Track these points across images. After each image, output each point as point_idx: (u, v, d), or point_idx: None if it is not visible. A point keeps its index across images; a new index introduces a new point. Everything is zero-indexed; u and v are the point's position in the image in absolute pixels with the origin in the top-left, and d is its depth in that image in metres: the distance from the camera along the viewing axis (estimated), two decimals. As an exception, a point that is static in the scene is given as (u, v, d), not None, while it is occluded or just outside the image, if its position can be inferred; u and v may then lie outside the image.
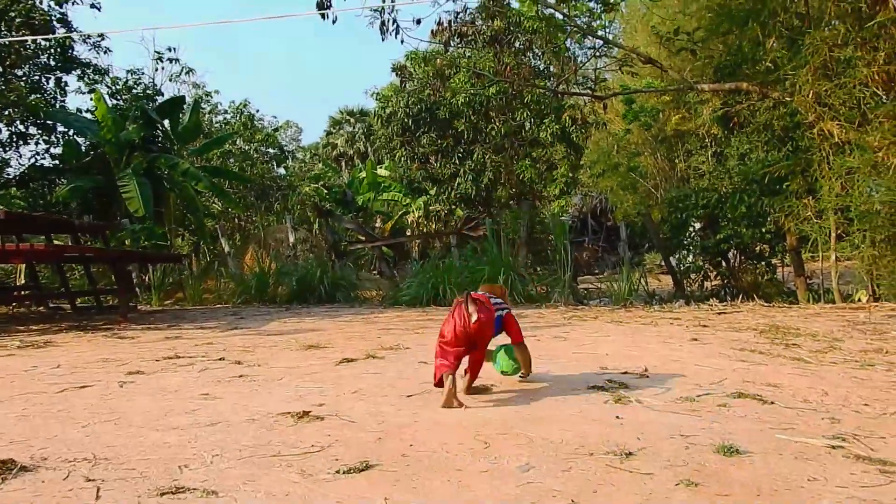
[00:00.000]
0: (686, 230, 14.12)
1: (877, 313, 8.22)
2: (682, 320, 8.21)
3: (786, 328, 7.41)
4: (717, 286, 14.19)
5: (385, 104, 28.46)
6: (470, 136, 27.79)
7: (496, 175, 27.03)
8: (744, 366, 5.15)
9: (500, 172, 26.99)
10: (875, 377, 4.95)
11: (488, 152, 27.01)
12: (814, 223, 9.80)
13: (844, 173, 9.15)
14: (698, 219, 13.61)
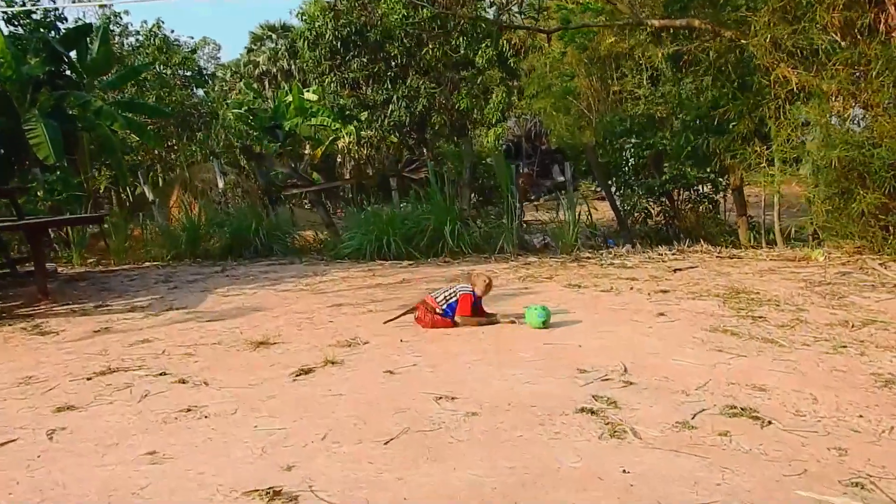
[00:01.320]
0: (621, 155, 13.95)
1: (831, 271, 8.19)
2: (640, 281, 8.00)
3: (746, 292, 7.27)
4: (660, 223, 14.15)
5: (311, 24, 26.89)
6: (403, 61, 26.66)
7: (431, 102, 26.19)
8: (723, 359, 4.92)
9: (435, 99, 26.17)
10: (852, 366, 4.81)
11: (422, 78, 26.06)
12: (764, 171, 9.64)
13: (800, 124, 8.94)
14: (643, 157, 13.38)
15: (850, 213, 8.53)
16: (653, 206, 14.01)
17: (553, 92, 25.43)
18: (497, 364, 4.82)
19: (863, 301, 6.81)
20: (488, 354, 5.10)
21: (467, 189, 13.34)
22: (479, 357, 5.03)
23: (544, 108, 28.69)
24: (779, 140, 9.53)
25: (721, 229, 13.36)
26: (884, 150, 8.05)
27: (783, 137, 9.74)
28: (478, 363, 4.84)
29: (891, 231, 8.51)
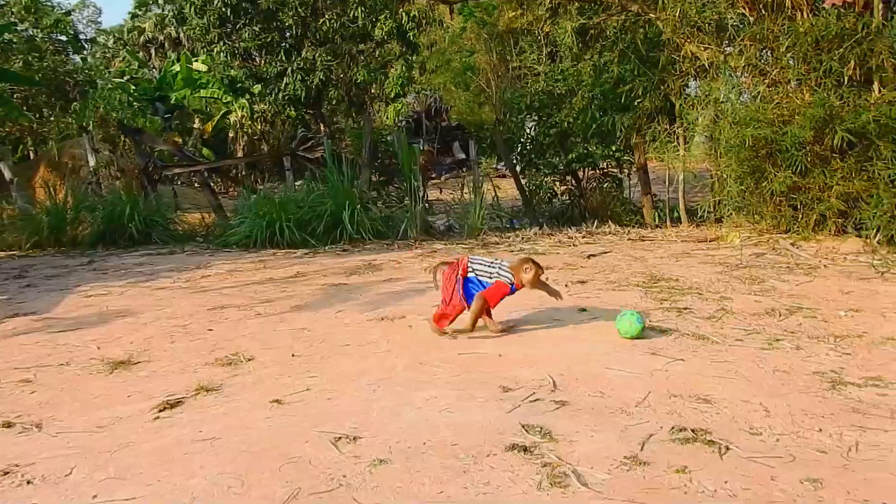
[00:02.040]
0: (523, 132, 13.51)
1: (745, 252, 7.94)
2: (555, 270, 7.47)
3: (665, 280, 6.87)
4: (566, 203, 13.81)
5: (198, -12, 25.01)
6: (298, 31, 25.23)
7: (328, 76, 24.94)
8: (659, 364, 4.41)
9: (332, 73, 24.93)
10: (793, 364, 4.42)
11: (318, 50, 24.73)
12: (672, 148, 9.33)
13: (712, 101, 8.64)
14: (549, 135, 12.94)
15: (761, 192, 8.30)
16: (558, 186, 13.64)
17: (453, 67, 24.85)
18: (408, 384, 4.11)
19: (783, 286, 6.53)
20: (397, 371, 4.38)
21: (367, 169, 12.50)
22: (386, 375, 4.31)
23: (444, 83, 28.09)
24: (686, 117, 9.21)
25: (626, 208, 13.14)
26: (794, 127, 7.83)
27: (690, 115, 9.47)
28: (385, 384, 4.12)
29: (800, 210, 8.34)
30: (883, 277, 6.64)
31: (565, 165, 12.73)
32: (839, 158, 7.86)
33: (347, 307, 6.13)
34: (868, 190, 7.71)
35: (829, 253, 7.70)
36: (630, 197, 14.07)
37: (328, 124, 26.51)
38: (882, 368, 4.39)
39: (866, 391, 4.00)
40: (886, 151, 7.57)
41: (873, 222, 7.64)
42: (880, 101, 7.64)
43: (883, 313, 5.56)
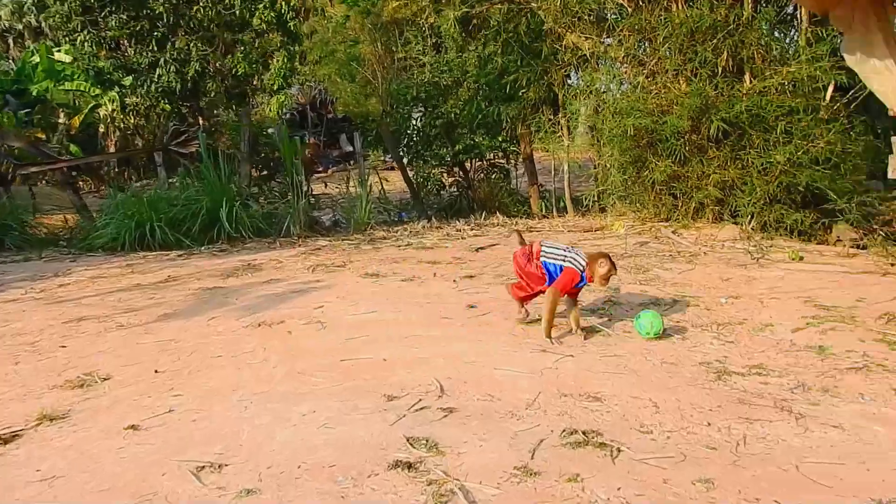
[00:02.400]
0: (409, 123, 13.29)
1: (630, 241, 8.02)
2: (443, 265, 7.28)
3: (554, 271, 6.81)
4: (454, 195, 13.70)
5: (57, -27, 23.25)
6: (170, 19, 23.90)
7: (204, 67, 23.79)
8: (548, 361, 4.28)
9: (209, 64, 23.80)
10: (680, 355, 4.40)
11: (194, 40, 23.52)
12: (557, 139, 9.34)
13: (593, 92, 8.69)
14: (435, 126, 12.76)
15: (643, 181, 8.43)
16: (446, 178, 13.50)
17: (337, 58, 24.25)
18: (285, 398, 3.79)
19: (666, 274, 6.61)
20: (274, 383, 4.04)
21: (246, 163, 11.90)
22: (261, 389, 3.96)
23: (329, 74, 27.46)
24: (569, 108, 9.24)
25: (514, 199, 13.16)
26: (673, 117, 7.98)
27: (573, 105, 9.51)
28: (260, 399, 3.78)
29: (680, 198, 8.53)
30: (758, 263, 6.83)
31: (452, 157, 12.60)
32: (715, 147, 8.07)
33: (222, 313, 5.70)
34: (742, 178, 7.95)
35: (708, 240, 7.90)
36: (518, 187, 14.12)
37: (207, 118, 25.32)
38: (763, 356, 4.45)
39: (750, 380, 4.02)
40: (758, 140, 7.83)
41: (747, 209, 7.89)
42: (751, 92, 7.89)
43: (760, 299, 5.69)
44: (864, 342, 4.61)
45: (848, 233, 7.79)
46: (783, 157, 7.56)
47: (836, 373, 4.10)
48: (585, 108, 8.96)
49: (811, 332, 4.85)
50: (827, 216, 7.82)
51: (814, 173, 7.52)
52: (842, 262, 6.77)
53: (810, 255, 7.09)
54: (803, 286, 6.01)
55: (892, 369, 4.12)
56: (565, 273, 4.68)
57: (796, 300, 5.61)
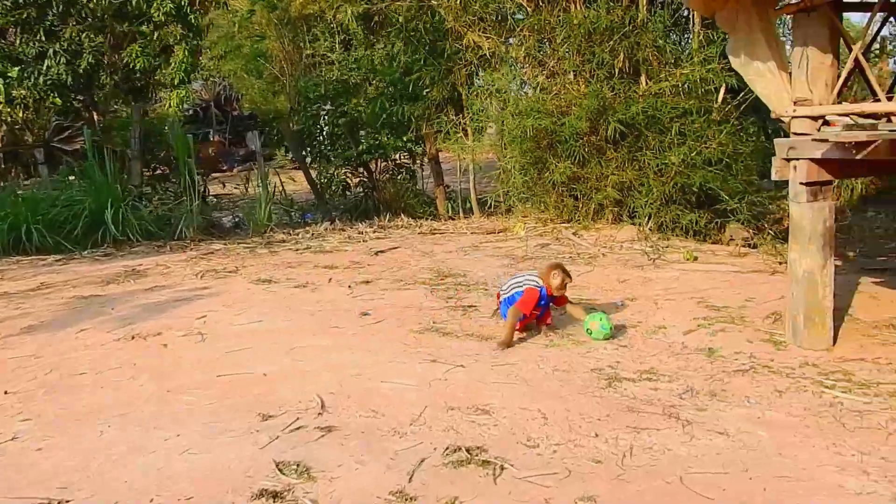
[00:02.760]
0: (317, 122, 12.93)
1: (531, 244, 7.98)
2: (340, 269, 7.03)
3: (453, 275, 6.68)
4: (360, 195, 13.40)
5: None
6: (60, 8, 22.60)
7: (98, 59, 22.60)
8: (439, 372, 4.11)
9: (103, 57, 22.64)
10: (573, 361, 4.31)
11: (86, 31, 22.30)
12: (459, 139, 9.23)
13: (492, 91, 8.62)
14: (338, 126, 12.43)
15: (544, 182, 8.40)
16: (351, 178, 13.18)
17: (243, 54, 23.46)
18: (149, 421, 3.47)
19: (565, 276, 6.56)
20: (139, 404, 3.71)
21: (137, 162, 11.28)
22: (124, 410, 3.63)
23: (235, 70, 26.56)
24: (471, 108, 9.14)
25: (420, 200, 12.98)
26: (572, 118, 7.98)
27: (475, 105, 9.41)
28: (120, 423, 3.45)
29: (580, 199, 8.55)
30: (654, 264, 6.89)
31: (356, 157, 12.29)
32: (613, 149, 8.13)
33: (94, 325, 5.27)
34: (639, 179, 8.04)
35: (607, 241, 7.94)
36: (424, 188, 13.95)
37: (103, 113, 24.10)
38: (655, 360, 4.41)
39: (640, 386, 3.96)
40: (654, 142, 7.92)
41: (645, 210, 7.98)
42: (647, 93, 7.98)
43: (655, 301, 5.71)
44: (752, 343, 4.65)
45: (740, 232, 7.99)
46: (677, 158, 7.67)
47: (724, 375, 4.10)
48: (490, 109, 8.86)
49: (702, 333, 4.88)
50: (720, 216, 8.00)
51: (707, 174, 7.67)
52: (734, 262, 6.90)
53: (704, 255, 7.21)
54: (697, 286, 6.08)
55: (777, 370, 4.15)
56: (526, 293, 4.79)
57: (689, 301, 5.66)
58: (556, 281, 4.85)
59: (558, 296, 4.94)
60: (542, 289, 4.85)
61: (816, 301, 4.44)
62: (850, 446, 3.10)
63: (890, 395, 3.65)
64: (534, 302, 4.82)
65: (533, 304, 4.83)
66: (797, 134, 4.49)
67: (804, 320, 4.49)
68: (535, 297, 4.81)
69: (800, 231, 4.49)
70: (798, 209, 4.49)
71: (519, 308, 4.80)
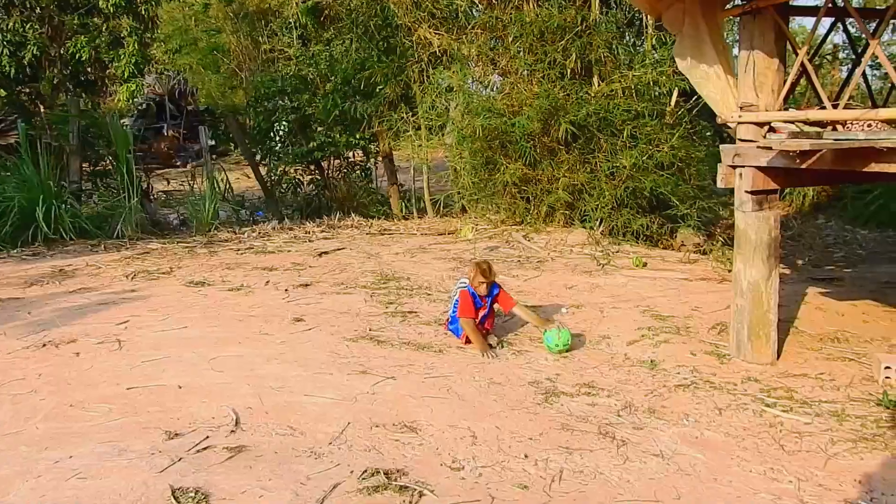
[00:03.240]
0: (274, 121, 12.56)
1: (480, 246, 7.79)
2: (279, 272, 6.75)
3: (396, 279, 6.45)
4: (311, 193, 13.08)
5: None
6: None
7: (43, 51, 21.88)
8: (367, 385, 3.88)
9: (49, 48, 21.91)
10: (510, 373, 4.11)
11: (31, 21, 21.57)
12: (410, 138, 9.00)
13: (444, 90, 8.41)
14: (289, 122, 12.10)
15: (494, 183, 8.22)
16: (303, 175, 12.86)
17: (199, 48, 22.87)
18: (42, 440, 3.18)
19: (512, 281, 6.38)
20: (35, 420, 3.41)
21: (76, 157, 10.80)
22: (17, 428, 3.33)
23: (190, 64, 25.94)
24: (423, 105, 8.92)
25: (373, 199, 12.72)
26: (523, 118, 7.81)
27: (427, 103, 9.19)
28: (8, 442, 3.16)
29: (532, 202, 8.39)
30: (604, 270, 6.75)
31: (306, 154, 11.97)
32: (565, 151, 7.98)
33: (5, 330, 4.92)
34: (591, 182, 7.90)
35: (557, 245, 7.78)
36: (378, 187, 13.69)
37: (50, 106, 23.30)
38: (595, 372, 4.24)
39: (578, 402, 3.78)
40: (606, 144, 7.80)
41: (596, 214, 7.84)
42: (599, 95, 7.85)
43: (601, 308, 5.55)
44: (696, 355, 4.51)
45: (691, 238, 7.90)
46: (629, 161, 7.55)
47: (665, 391, 3.95)
48: (437, 107, 8.64)
49: (645, 344, 4.73)
50: (671, 221, 7.90)
51: (658, 178, 7.56)
52: (683, 269, 6.80)
53: (654, 261, 7.10)
54: (644, 294, 5.94)
55: (719, 385, 4.02)
56: (460, 299, 4.67)
57: (635, 309, 5.52)
58: (477, 279, 4.65)
59: (482, 293, 4.70)
60: (469, 289, 4.67)
61: (761, 314, 4.32)
62: (788, 471, 2.96)
63: (831, 414, 3.53)
64: (470, 304, 4.65)
65: (471, 307, 4.67)
66: (743, 140, 4.36)
67: (748, 333, 4.37)
68: (468, 299, 4.64)
69: (745, 241, 4.36)
70: (743, 218, 4.37)
71: (463, 316, 4.64)
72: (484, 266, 4.74)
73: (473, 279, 4.69)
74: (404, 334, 4.88)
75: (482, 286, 4.66)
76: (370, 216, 11.29)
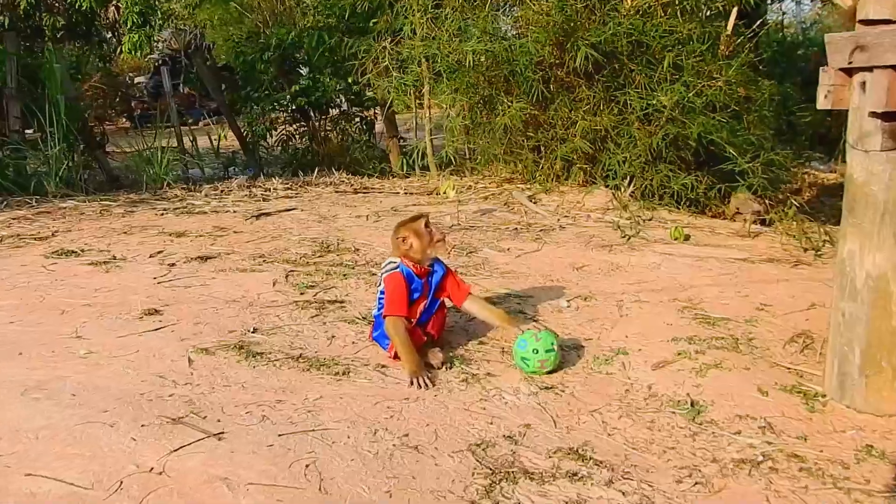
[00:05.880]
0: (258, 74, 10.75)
1: (470, 208, 5.96)
2: (188, 240, 5.02)
3: (340, 250, 4.70)
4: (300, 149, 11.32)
5: None
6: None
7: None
8: (157, 452, 2.14)
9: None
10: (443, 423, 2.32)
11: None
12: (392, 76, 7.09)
13: (432, 5, 6.51)
14: (269, 63, 10.31)
15: (493, 129, 6.34)
16: (289, 128, 11.11)
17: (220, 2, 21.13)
18: None
19: (499, 257, 4.62)
20: None
21: (16, 103, 9.20)
22: None
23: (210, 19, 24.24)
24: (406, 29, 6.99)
25: (370, 154, 10.90)
26: (529, 42, 5.89)
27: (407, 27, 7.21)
28: None
29: (542, 153, 6.51)
30: (629, 244, 4.89)
31: (289, 100, 10.20)
32: (585, 85, 6.05)
33: None
34: (619, 127, 5.98)
35: (571, 209, 5.92)
36: (378, 141, 11.86)
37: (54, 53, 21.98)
38: (593, 422, 2.46)
39: (550, 499, 1.98)
40: (639, 77, 5.85)
41: (623, 169, 5.94)
42: (631, 11, 5.88)
43: (620, 301, 3.73)
44: (766, 394, 2.68)
45: (750, 203, 5.95)
46: (670, 99, 5.62)
47: (714, 472, 2.14)
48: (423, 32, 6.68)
49: (683, 369, 2.90)
50: (725, 180, 5.94)
51: (708, 122, 5.61)
52: (740, 245, 4.91)
53: (700, 234, 5.22)
54: (684, 280, 4.09)
55: (813, 465, 2.18)
56: (387, 286, 2.99)
57: (670, 305, 3.68)
58: (411, 242, 2.97)
59: (426, 265, 3.02)
60: (402, 268, 2.97)
61: (888, 329, 2.45)
62: None
63: None
64: (402, 292, 2.94)
65: (403, 297, 2.93)
66: (867, 23, 2.45)
67: (862, 362, 2.52)
68: (401, 284, 2.95)
69: (865, 203, 2.48)
70: (864, 163, 2.48)
71: (390, 313, 2.89)
72: (423, 219, 3.02)
73: (409, 246, 2.98)
74: (302, 340, 3.14)
75: (425, 250, 2.97)
76: (360, 173, 9.49)
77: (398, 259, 3.01)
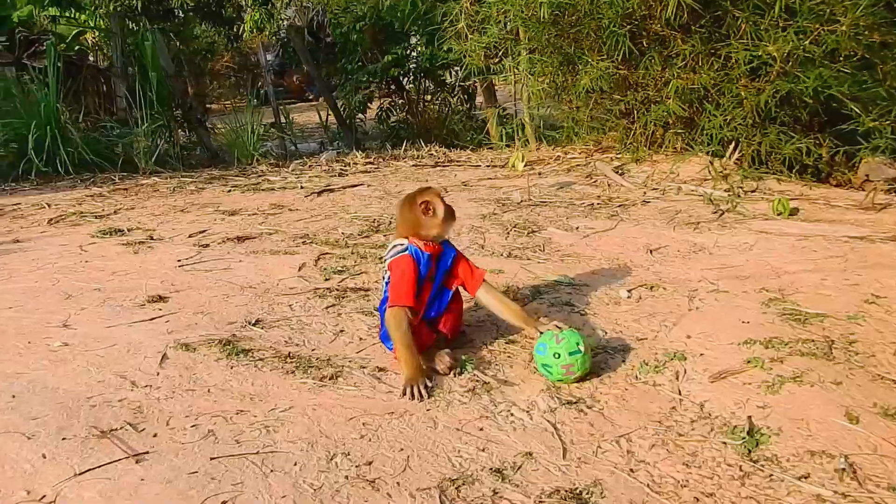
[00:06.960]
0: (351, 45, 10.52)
1: (547, 181, 5.40)
2: (242, 216, 4.81)
3: (389, 228, 4.32)
4: (397, 122, 11.03)
5: None
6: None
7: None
8: (59, 474, 1.82)
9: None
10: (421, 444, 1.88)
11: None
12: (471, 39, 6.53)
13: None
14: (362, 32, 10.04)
15: (575, 92, 5.70)
16: (384, 100, 10.82)
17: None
18: None
19: (564, 238, 4.06)
20: None
21: (121, 82, 9.45)
22: None
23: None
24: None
25: (469, 126, 10.44)
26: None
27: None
28: None
29: (634, 119, 5.80)
30: (721, 221, 4.19)
31: (381, 71, 9.88)
32: (680, 38, 5.27)
33: None
34: (720, 85, 5.18)
35: (662, 180, 5.22)
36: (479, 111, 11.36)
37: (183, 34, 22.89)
38: (615, 455, 1.95)
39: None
40: (744, 25, 5.01)
41: (725, 132, 5.14)
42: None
43: (693, 292, 3.13)
44: (857, 422, 2.04)
45: (884, 169, 5.02)
46: (782, 49, 4.76)
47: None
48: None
49: (750, 382, 2.29)
50: (851, 143, 5.02)
51: (828, 74, 4.72)
52: (859, 220, 4.08)
53: (811, 207, 4.43)
54: (778, 265, 3.39)
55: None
56: (393, 271, 2.55)
57: (755, 296, 3.03)
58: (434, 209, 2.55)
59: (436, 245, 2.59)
60: (412, 249, 2.53)
61: None
62: None
63: None
64: (410, 279, 2.49)
65: (410, 284, 2.49)
66: None
67: None
68: (410, 268, 2.51)
69: None
70: None
71: (394, 303, 2.45)
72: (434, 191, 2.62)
73: (431, 213, 2.56)
74: (303, 335, 2.78)
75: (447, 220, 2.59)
76: (455, 146, 9.08)
77: (405, 240, 2.57)
